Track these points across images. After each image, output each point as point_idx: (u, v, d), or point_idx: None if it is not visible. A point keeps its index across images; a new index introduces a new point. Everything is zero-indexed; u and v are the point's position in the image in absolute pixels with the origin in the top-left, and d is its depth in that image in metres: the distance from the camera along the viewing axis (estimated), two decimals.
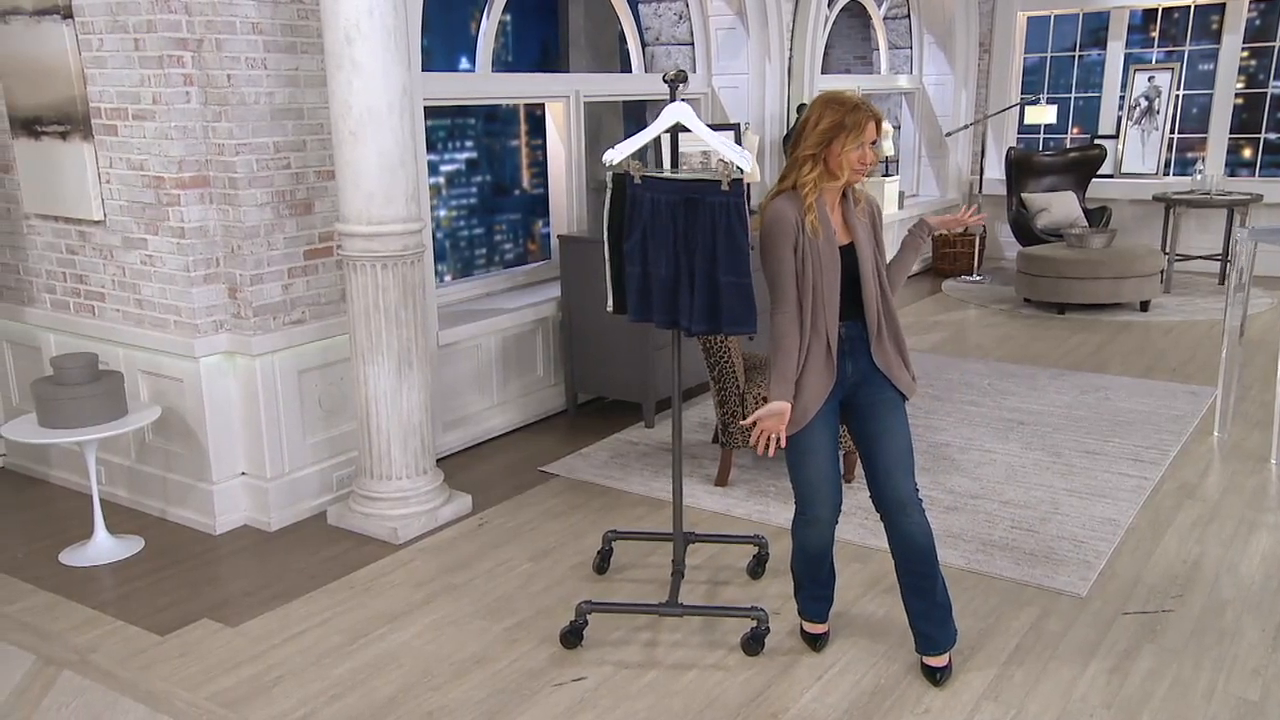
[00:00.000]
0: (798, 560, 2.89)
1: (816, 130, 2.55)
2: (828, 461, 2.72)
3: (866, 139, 2.57)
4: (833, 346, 2.64)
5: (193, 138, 3.68)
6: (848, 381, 2.73)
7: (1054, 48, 9.62)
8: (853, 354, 2.70)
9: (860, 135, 2.54)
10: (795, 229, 2.57)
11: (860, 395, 2.74)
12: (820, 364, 2.64)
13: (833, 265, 2.61)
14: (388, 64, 3.50)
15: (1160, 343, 6.46)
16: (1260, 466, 4.34)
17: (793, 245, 2.57)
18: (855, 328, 2.69)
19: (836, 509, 2.76)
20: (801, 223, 2.56)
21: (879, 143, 2.67)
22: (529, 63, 7.21)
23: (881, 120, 2.64)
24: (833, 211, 2.65)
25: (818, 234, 2.58)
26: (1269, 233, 4.59)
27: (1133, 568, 3.45)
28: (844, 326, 2.68)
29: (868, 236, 2.68)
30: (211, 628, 3.19)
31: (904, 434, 2.72)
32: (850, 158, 2.55)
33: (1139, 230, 8.73)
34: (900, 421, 2.72)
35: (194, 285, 3.74)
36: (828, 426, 2.71)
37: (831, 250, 2.61)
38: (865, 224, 2.69)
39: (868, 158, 2.58)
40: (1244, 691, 2.74)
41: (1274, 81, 8.89)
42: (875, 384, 2.72)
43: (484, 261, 7.06)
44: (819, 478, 2.72)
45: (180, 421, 3.89)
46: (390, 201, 3.59)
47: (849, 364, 2.71)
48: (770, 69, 6.66)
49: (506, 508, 4.06)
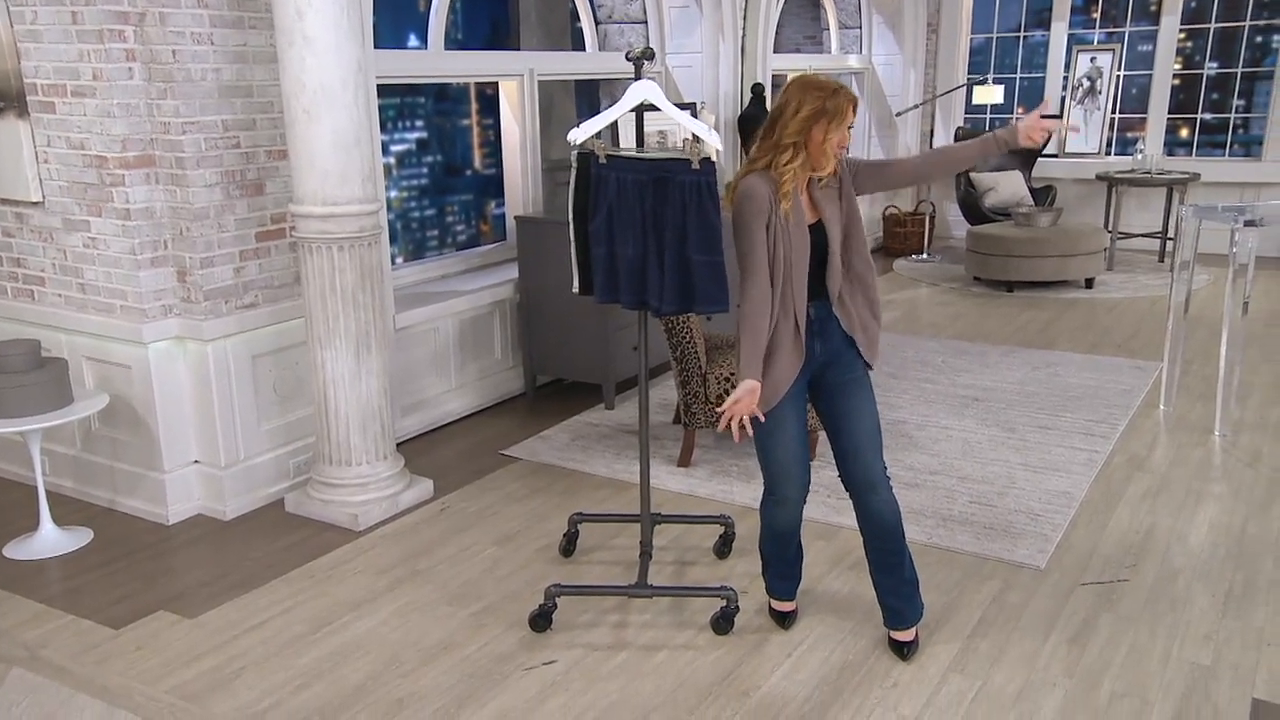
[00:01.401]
0: (766, 540, 2.90)
1: (798, 118, 2.49)
2: (796, 441, 2.72)
3: (846, 124, 2.55)
4: (801, 326, 2.64)
5: (136, 116, 3.55)
6: (816, 361, 2.72)
7: (1000, 28, 9.74)
8: (821, 334, 2.69)
9: (842, 122, 2.52)
10: (769, 207, 2.55)
11: (828, 374, 2.74)
12: (789, 343, 2.63)
13: (803, 246, 2.60)
14: (341, 39, 3.41)
15: (1105, 319, 6.61)
16: (1204, 438, 4.47)
17: (765, 223, 2.55)
18: (824, 307, 2.68)
19: (805, 489, 2.77)
20: (775, 200, 2.54)
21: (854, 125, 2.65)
22: (479, 40, 7.10)
23: (858, 103, 2.62)
24: (801, 192, 2.63)
25: (788, 218, 2.57)
26: (1212, 211, 4.70)
27: (1088, 539, 3.53)
28: (813, 306, 2.66)
29: (835, 212, 2.66)
30: (168, 620, 3.11)
31: (871, 413, 2.73)
32: (830, 139, 2.52)
33: (1082, 209, 8.91)
34: (868, 400, 2.73)
35: (141, 269, 3.63)
36: (796, 406, 2.71)
37: (802, 232, 2.59)
38: (833, 197, 2.66)
39: (845, 141, 2.57)
40: (1197, 656, 2.82)
41: (1209, 63, 9.11)
42: (844, 362, 2.72)
43: (436, 243, 6.96)
44: (788, 458, 2.72)
45: (128, 409, 3.78)
46: (346, 181, 3.50)
47: (817, 343, 2.69)
48: (724, 48, 6.63)
49: (468, 492, 4.02)
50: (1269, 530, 3.57)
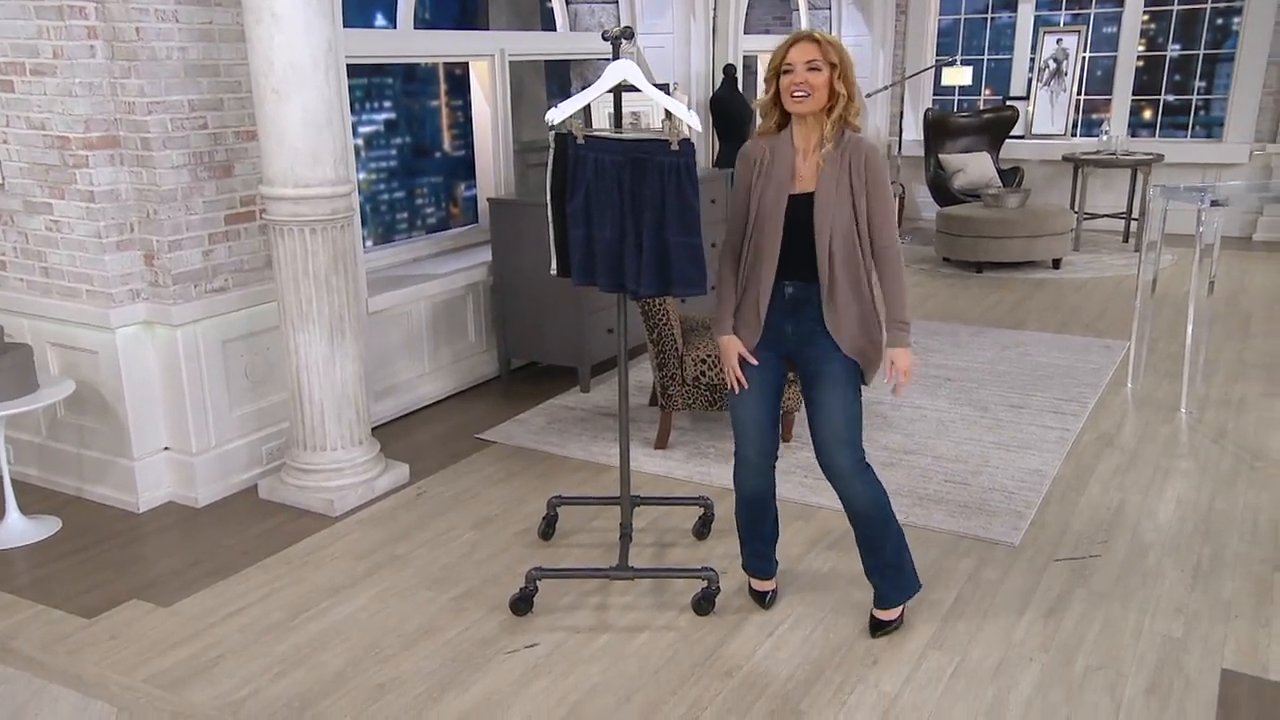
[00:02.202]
0: (737, 507, 2.91)
1: (768, 69, 2.54)
2: (755, 406, 2.71)
3: (794, 60, 2.46)
4: (761, 300, 2.60)
5: (99, 95, 3.47)
6: (788, 341, 2.67)
7: (967, 9, 9.78)
8: (795, 314, 2.63)
9: (783, 59, 2.47)
10: (753, 167, 2.57)
11: (804, 357, 2.68)
12: (750, 311, 2.63)
13: (775, 209, 2.53)
14: (310, 17, 3.34)
15: (1072, 299, 6.69)
16: (1171, 415, 4.54)
17: (748, 184, 2.58)
18: (803, 288, 2.60)
19: (763, 455, 2.76)
20: (765, 161, 2.54)
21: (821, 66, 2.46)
22: (448, 19, 7.01)
23: (806, 39, 2.48)
24: (805, 158, 2.55)
25: (764, 173, 2.54)
26: (1179, 192, 4.77)
27: (1060, 516, 3.58)
28: (791, 284, 2.61)
29: (837, 189, 2.52)
30: (142, 608, 3.06)
31: (839, 407, 2.63)
32: (783, 84, 2.49)
33: (1048, 190, 9.00)
34: (836, 396, 2.62)
35: (106, 252, 3.55)
36: (762, 373, 2.68)
37: (777, 196, 2.54)
38: (842, 175, 2.52)
39: (798, 79, 2.46)
40: (1168, 629, 2.88)
41: (1172, 44, 9.22)
42: (820, 351, 2.63)
43: (406, 226, 6.87)
44: (745, 418, 2.74)
45: (95, 395, 3.71)
46: (317, 163, 3.45)
47: (789, 324, 2.64)
48: (695, 28, 6.60)
49: (445, 476, 3.99)
50: (1234, 506, 3.64)
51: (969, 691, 2.61)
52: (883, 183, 2.56)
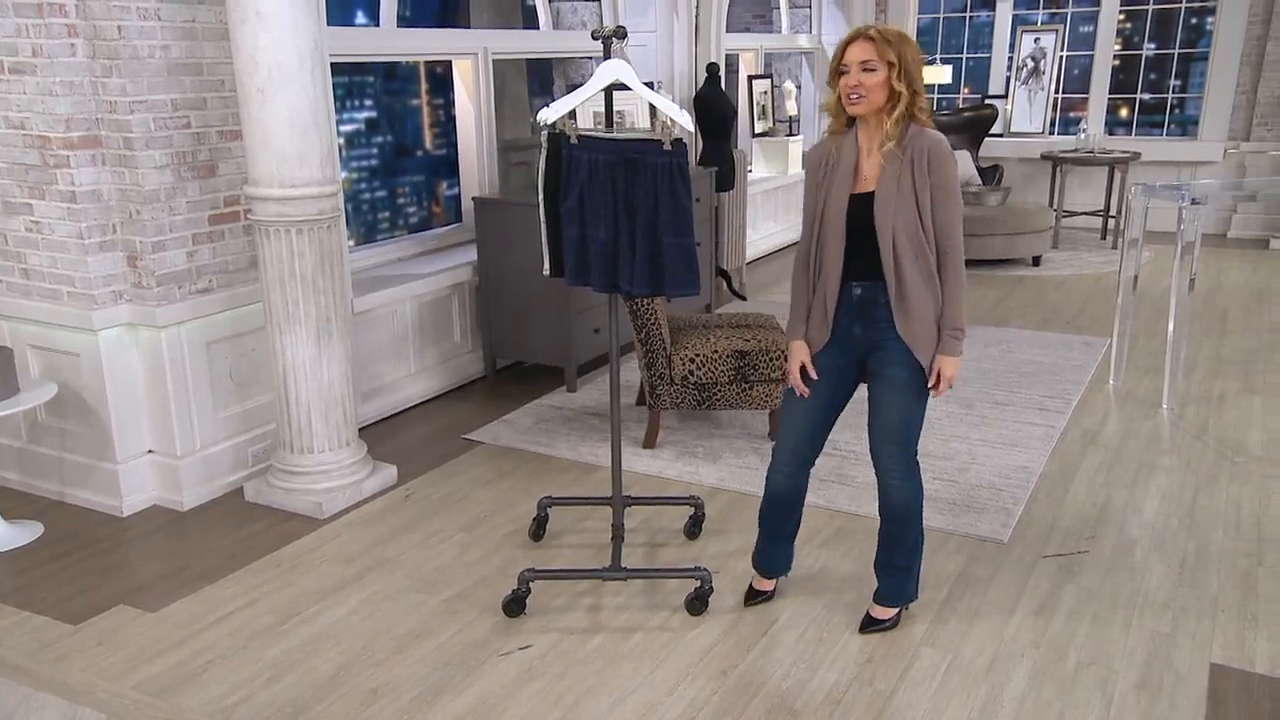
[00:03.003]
0: (762, 502, 2.92)
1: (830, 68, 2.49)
2: (804, 412, 2.72)
3: (850, 61, 2.41)
4: (829, 302, 2.57)
5: (80, 94, 3.42)
6: (857, 343, 2.62)
7: (946, 8, 9.84)
8: (863, 317, 2.58)
9: (840, 60, 2.43)
10: (818, 167, 2.57)
11: (873, 360, 2.64)
12: (818, 314, 2.61)
13: (837, 212, 2.50)
14: (297, 16, 3.31)
15: (1053, 296, 6.74)
16: (1153, 412, 4.59)
17: (816, 183, 2.57)
18: (870, 288, 2.54)
19: (796, 462, 2.78)
20: (830, 161, 2.54)
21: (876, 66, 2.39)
22: (429, 17, 6.96)
23: (862, 38, 2.41)
24: (868, 156, 2.51)
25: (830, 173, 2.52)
26: (1160, 190, 4.81)
27: (1048, 513, 3.61)
28: (860, 285, 2.55)
29: (899, 188, 2.45)
30: (129, 614, 3.03)
31: (897, 408, 2.62)
32: (840, 86, 2.44)
33: (1027, 188, 9.07)
34: (896, 397, 2.61)
35: (89, 253, 3.50)
36: (823, 382, 2.67)
37: (839, 197, 2.50)
38: (904, 172, 2.45)
39: (852, 81, 2.42)
40: (1157, 624, 2.91)
41: (1148, 43, 9.32)
42: (889, 355, 2.58)
43: (388, 225, 6.83)
44: (789, 424, 2.77)
45: (78, 398, 3.66)
46: (304, 163, 3.42)
47: (857, 326, 2.59)
48: (679, 26, 6.60)
49: (433, 477, 3.97)
50: (1217, 501, 3.69)
51: (963, 689, 2.62)
52: (948, 179, 2.46)
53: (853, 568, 3.22)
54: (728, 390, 4.11)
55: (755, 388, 4.11)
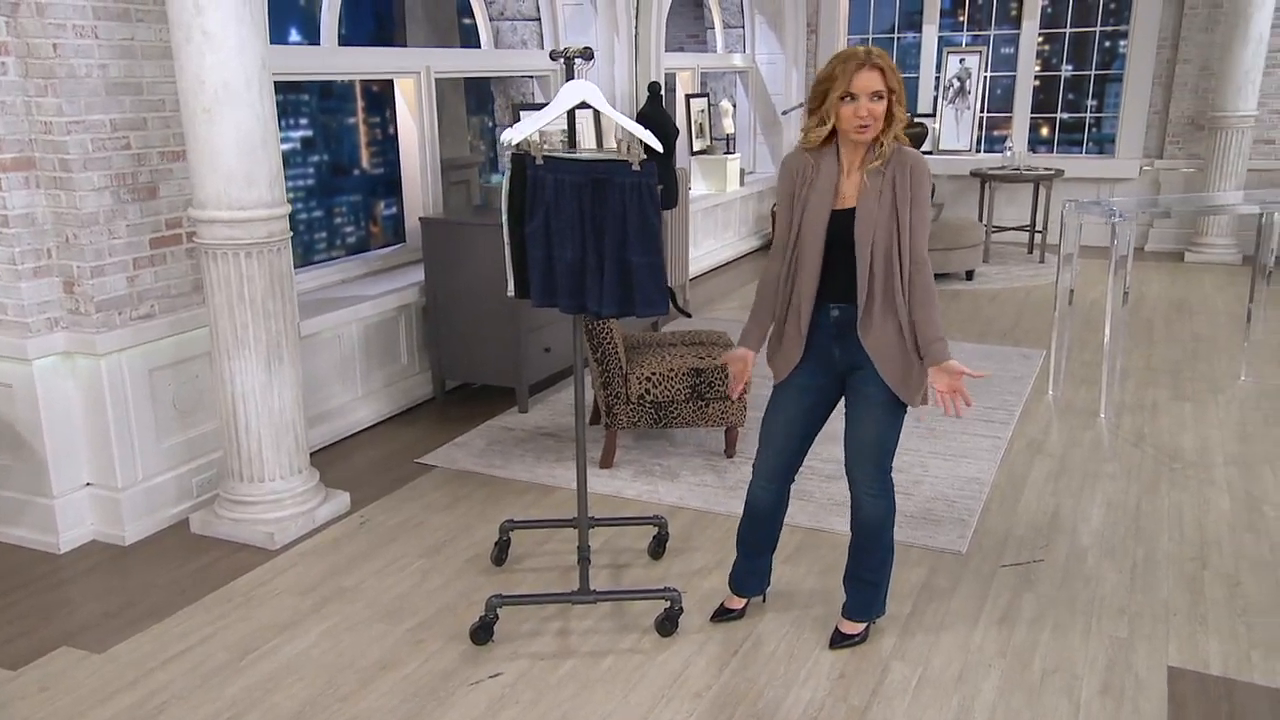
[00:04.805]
0: (742, 521, 2.93)
1: (816, 84, 2.49)
2: (780, 429, 2.75)
3: (859, 90, 2.41)
4: (803, 318, 2.58)
5: (12, 114, 3.28)
6: (837, 364, 2.64)
7: (875, 29, 10.07)
8: (840, 339, 2.61)
9: (846, 87, 2.41)
10: (794, 179, 2.58)
11: (852, 378, 2.67)
12: (792, 332, 2.64)
13: (816, 227, 2.51)
14: (244, 36, 3.23)
15: (988, 309, 6.92)
16: (1091, 421, 4.73)
17: (791, 195, 2.58)
18: (848, 310, 2.57)
19: (773, 476, 2.81)
20: (807, 175, 2.55)
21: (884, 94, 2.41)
22: (364, 36, 6.88)
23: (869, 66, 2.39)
24: (847, 174, 2.54)
25: (808, 185, 2.53)
26: (1090, 206, 4.98)
27: (1002, 523, 3.68)
28: (838, 308, 2.58)
29: (879, 204, 2.48)
30: (74, 656, 2.89)
31: (870, 426, 2.65)
32: (843, 113, 2.44)
33: (956, 205, 9.30)
34: (870, 416, 2.64)
35: (22, 279, 3.36)
36: (799, 400, 2.70)
37: (819, 213, 2.51)
38: (885, 188, 2.48)
39: (862, 112, 2.41)
40: (1114, 630, 2.98)
41: (1065, 65, 9.67)
42: (868, 373, 2.61)
43: (325, 246, 6.70)
44: (767, 437, 2.79)
45: (10, 431, 3.49)
46: (252, 185, 3.33)
47: (836, 348, 2.62)
48: (619, 45, 6.62)
49: (387, 503, 3.88)
50: (1159, 507, 3.81)
51: (935, 701, 2.65)
52: (924, 195, 2.51)
53: (817, 583, 3.24)
54: (684, 408, 4.11)
55: (711, 405, 4.12)
